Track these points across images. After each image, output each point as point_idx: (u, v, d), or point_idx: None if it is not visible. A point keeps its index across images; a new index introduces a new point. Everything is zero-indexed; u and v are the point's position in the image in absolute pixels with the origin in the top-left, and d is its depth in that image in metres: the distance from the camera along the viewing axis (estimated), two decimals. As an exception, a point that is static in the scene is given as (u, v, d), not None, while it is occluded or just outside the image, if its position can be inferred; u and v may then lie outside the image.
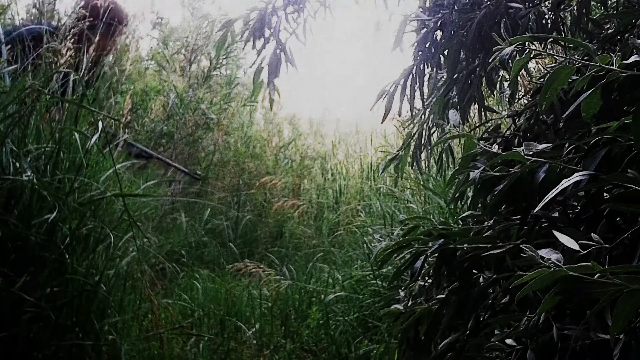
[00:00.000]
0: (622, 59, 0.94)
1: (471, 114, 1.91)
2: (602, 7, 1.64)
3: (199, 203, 4.67)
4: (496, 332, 1.18)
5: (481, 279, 1.37)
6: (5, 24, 2.94)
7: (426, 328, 1.42)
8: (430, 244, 1.40)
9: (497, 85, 1.89)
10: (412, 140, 1.91)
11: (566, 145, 1.19)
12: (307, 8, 1.87)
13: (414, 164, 1.92)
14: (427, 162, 1.97)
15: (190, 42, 5.55)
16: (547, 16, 1.62)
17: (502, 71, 1.78)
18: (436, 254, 1.38)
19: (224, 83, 5.62)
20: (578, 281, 0.75)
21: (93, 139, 2.38)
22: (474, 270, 1.36)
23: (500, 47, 1.12)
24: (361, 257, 3.63)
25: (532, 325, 1.08)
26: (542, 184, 1.11)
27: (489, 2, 1.60)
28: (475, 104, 1.72)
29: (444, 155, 1.92)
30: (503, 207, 1.34)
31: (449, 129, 1.70)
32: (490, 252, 1.23)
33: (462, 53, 1.66)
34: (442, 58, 1.73)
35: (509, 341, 1.11)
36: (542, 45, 1.58)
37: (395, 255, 1.49)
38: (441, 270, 1.38)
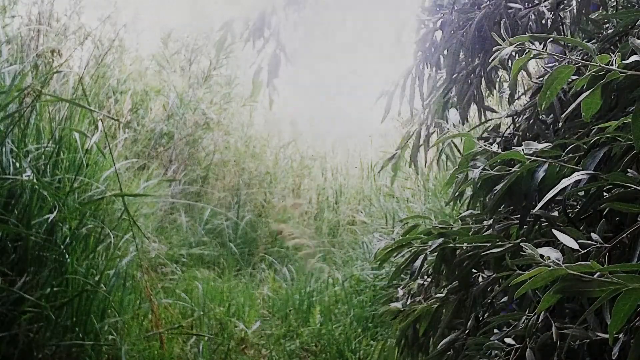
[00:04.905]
0: (622, 59, 0.94)
1: (471, 114, 1.91)
2: (602, 7, 1.64)
3: (199, 203, 4.67)
4: (495, 331, 1.18)
5: (480, 278, 1.37)
6: None
7: (425, 327, 1.43)
8: (429, 243, 1.40)
9: (497, 85, 1.89)
10: (410, 140, 1.92)
11: (566, 145, 1.19)
12: (307, 8, 1.87)
13: (412, 163, 1.92)
14: (425, 161, 1.97)
15: (190, 42, 5.55)
16: (546, 16, 1.62)
17: (501, 71, 1.78)
18: (436, 253, 1.38)
19: (224, 83, 5.62)
20: (577, 280, 0.75)
21: (93, 139, 2.38)
22: (473, 270, 1.37)
23: (500, 47, 1.12)
24: (361, 257, 3.63)
25: (532, 325, 1.08)
26: (542, 183, 1.12)
27: (488, 2, 1.60)
28: (474, 103, 1.72)
29: (444, 154, 1.93)
30: (502, 206, 1.34)
31: (449, 129, 1.70)
32: (490, 251, 1.23)
33: (461, 53, 1.67)
34: (441, 58, 1.73)
35: (508, 340, 1.12)
36: (542, 45, 1.58)
37: (395, 254, 1.49)
38: (440, 269, 1.39)
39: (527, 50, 1.06)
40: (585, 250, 0.90)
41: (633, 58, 0.94)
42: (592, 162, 1.05)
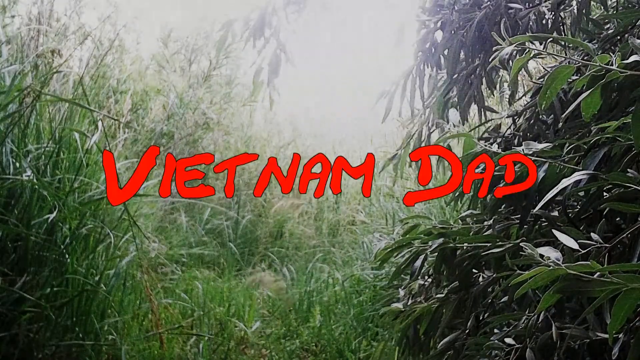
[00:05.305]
0: (622, 59, 0.94)
1: (471, 114, 1.91)
2: (602, 7, 1.64)
3: (199, 203, 4.66)
4: (495, 331, 1.18)
5: (481, 278, 1.37)
6: None
7: (426, 327, 1.43)
8: (430, 243, 1.40)
9: (497, 85, 1.89)
10: (411, 140, 1.92)
11: (566, 145, 1.19)
12: (307, 8, 1.87)
13: (412, 163, 1.92)
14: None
15: (190, 42, 5.55)
16: (547, 16, 1.63)
17: (502, 71, 1.78)
18: (436, 253, 1.38)
19: (224, 83, 5.62)
20: (577, 280, 0.75)
21: (93, 139, 2.38)
22: (473, 270, 1.37)
23: (500, 47, 1.12)
24: (361, 257, 3.63)
25: (532, 325, 1.08)
26: (542, 183, 1.12)
27: (489, 2, 1.60)
28: (475, 103, 1.73)
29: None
30: (502, 206, 1.34)
31: (449, 129, 1.70)
32: (490, 251, 1.23)
33: (462, 53, 1.67)
34: (442, 58, 1.73)
35: (508, 340, 1.12)
36: (542, 45, 1.58)
37: (396, 254, 1.49)
38: (441, 269, 1.39)
39: (527, 50, 1.06)
40: (585, 250, 0.90)
41: (633, 58, 0.94)
42: (592, 162, 1.05)
